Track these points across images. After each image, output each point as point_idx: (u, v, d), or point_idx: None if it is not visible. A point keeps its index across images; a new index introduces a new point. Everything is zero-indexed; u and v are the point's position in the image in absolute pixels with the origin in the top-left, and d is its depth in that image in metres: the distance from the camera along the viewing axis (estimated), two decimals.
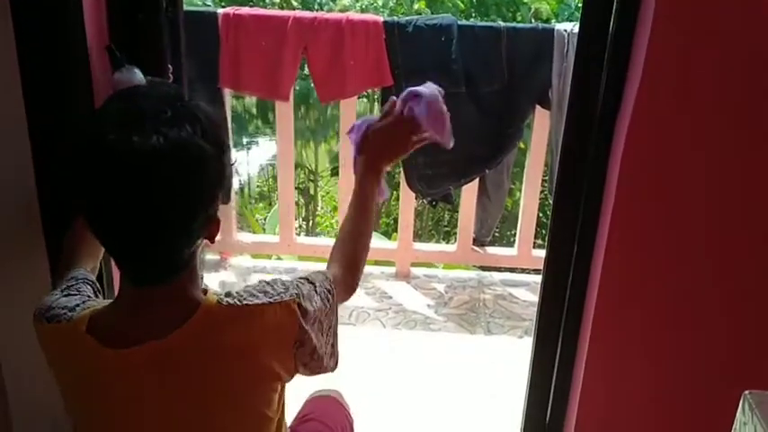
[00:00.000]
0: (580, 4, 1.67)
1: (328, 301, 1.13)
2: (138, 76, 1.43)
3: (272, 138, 4.33)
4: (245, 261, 3.58)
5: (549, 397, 2.02)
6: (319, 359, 1.10)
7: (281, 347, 1.02)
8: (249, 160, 4.34)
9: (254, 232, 4.13)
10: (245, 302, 0.99)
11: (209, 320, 0.98)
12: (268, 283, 1.05)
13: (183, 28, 1.73)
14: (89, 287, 1.16)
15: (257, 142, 4.41)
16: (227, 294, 1.01)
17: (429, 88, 1.42)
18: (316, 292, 1.10)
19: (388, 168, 1.41)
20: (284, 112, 3.21)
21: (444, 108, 1.42)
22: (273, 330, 1.01)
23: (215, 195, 0.96)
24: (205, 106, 0.95)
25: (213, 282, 3.37)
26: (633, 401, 1.82)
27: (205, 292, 1.02)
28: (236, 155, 3.30)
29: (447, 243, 3.98)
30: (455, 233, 3.89)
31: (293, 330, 1.02)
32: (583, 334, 1.84)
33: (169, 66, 1.65)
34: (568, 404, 1.97)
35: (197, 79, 2.82)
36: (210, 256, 3.47)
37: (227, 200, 3.23)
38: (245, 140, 4.25)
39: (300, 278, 1.11)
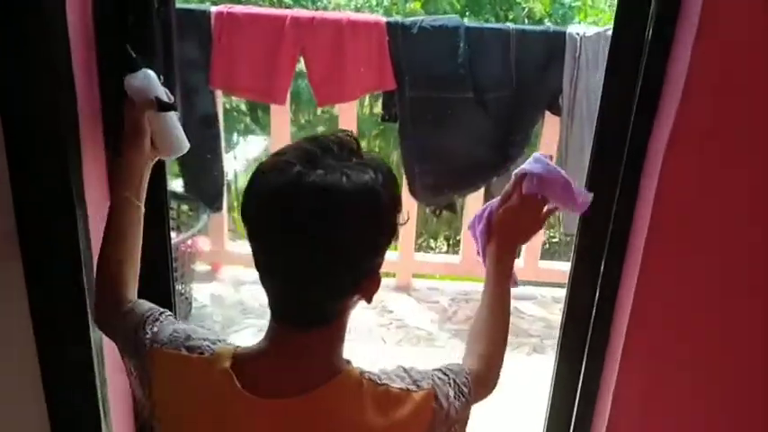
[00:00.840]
0: (574, 4, 1.51)
1: (463, 395, 1.07)
2: (155, 82, 1.32)
3: (263, 135, 4.17)
4: (237, 272, 3.40)
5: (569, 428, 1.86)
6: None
7: None
8: (237, 156, 4.19)
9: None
10: (383, 382, 0.96)
11: (349, 390, 0.95)
12: (405, 368, 1.02)
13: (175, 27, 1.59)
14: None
15: (247, 139, 4.26)
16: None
17: (539, 162, 1.32)
18: (451, 386, 1.05)
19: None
20: (279, 114, 3.05)
21: (562, 175, 1.32)
22: (406, 421, 0.95)
23: (382, 247, 0.94)
24: (384, 162, 0.94)
25: (204, 293, 3.20)
26: None
27: (348, 362, 0.99)
28: (225, 155, 3.13)
29: (450, 254, 3.82)
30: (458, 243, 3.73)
31: (425, 425, 0.98)
32: (610, 357, 1.69)
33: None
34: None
35: (188, 80, 2.68)
36: (201, 267, 3.29)
37: (219, 207, 3.09)
38: (235, 137, 4.10)
39: (437, 369, 1.06)
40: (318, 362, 0.95)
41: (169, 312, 1.12)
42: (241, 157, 4.24)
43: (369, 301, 0.98)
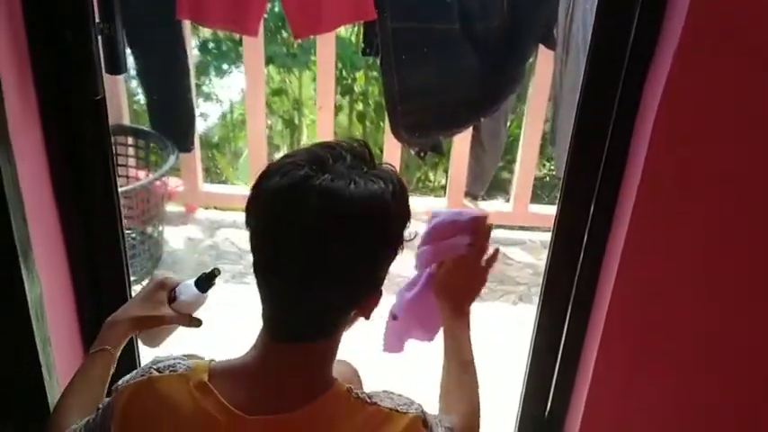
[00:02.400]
0: None
1: None
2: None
3: (237, 71, 4.00)
4: (211, 214, 3.25)
5: (551, 381, 1.76)
6: None
7: None
8: (209, 94, 4.01)
9: (224, 178, 3.81)
10: (373, 401, 0.94)
11: (337, 407, 0.92)
12: (392, 392, 0.99)
13: None
14: None
15: (220, 76, 4.07)
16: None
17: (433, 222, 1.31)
18: (439, 423, 1.02)
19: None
20: (252, 48, 2.86)
21: (438, 224, 1.31)
22: None
23: (386, 261, 0.91)
24: (396, 173, 0.92)
25: (177, 237, 3.06)
26: (652, 392, 1.56)
27: (335, 378, 0.96)
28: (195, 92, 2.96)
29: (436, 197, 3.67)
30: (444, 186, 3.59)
31: None
32: (597, 307, 1.57)
33: None
34: (574, 388, 1.72)
35: (153, 10, 2.47)
36: (173, 209, 3.14)
37: (190, 147, 2.92)
38: (205, 73, 3.91)
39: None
40: (308, 378, 0.93)
41: None
42: (216, 94, 4.05)
43: (367, 317, 0.95)
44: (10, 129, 1.24)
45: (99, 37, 1.35)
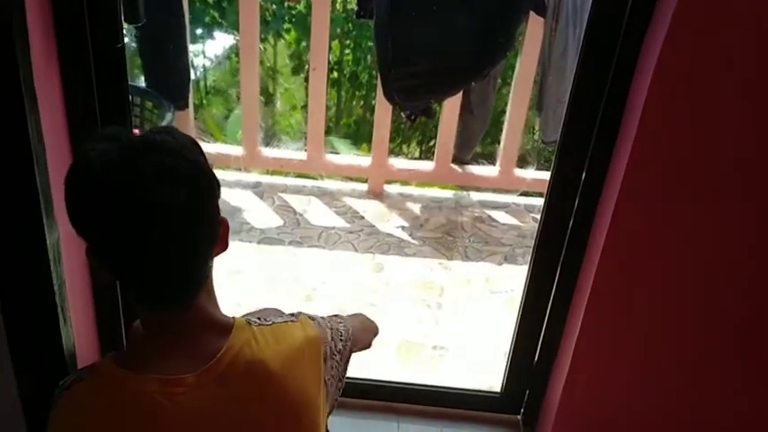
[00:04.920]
0: None
1: (340, 332, 1.14)
2: None
3: (228, 30, 3.97)
4: None
5: (539, 338, 1.85)
6: (338, 381, 1.12)
7: (314, 358, 1.03)
8: (205, 52, 3.99)
9: (213, 138, 3.82)
10: (270, 321, 1.02)
11: (246, 337, 0.97)
12: (271, 309, 1.09)
13: None
14: None
15: (213, 35, 4.06)
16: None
17: None
18: (323, 320, 1.13)
19: None
20: (248, 5, 2.87)
21: None
22: (302, 342, 1.02)
23: (211, 194, 0.91)
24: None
25: None
26: (633, 355, 1.66)
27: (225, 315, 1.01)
28: (192, 48, 2.95)
29: (423, 159, 3.73)
30: (432, 149, 3.65)
31: (316, 341, 1.04)
32: (586, 269, 1.66)
33: None
34: (560, 348, 1.81)
35: None
36: None
37: (184, 105, 2.94)
38: (199, 32, 3.90)
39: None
40: (209, 328, 0.96)
41: None
42: (209, 53, 4.04)
43: (226, 246, 0.97)
44: (35, 79, 1.28)
45: None
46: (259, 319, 1.02)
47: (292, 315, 1.07)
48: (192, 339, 0.95)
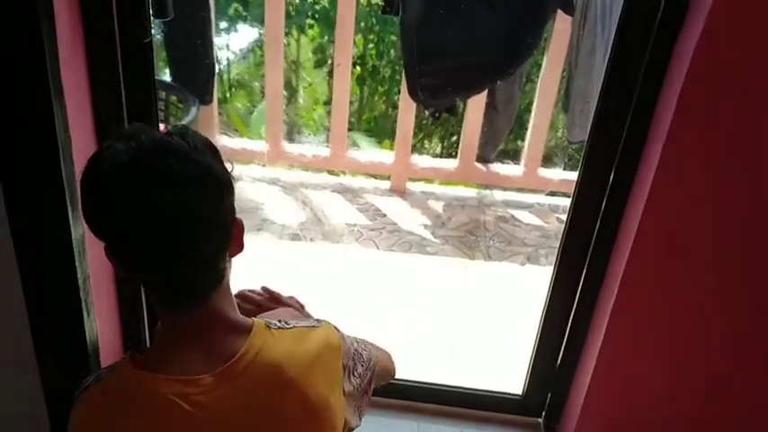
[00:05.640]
0: None
1: (361, 356, 1.11)
2: None
3: (252, 23, 3.97)
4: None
5: (562, 340, 1.83)
6: (361, 392, 1.10)
7: (333, 364, 1.02)
8: (229, 45, 4.01)
9: (238, 132, 3.84)
10: (291, 324, 1.01)
11: (265, 340, 0.96)
12: (289, 312, 1.11)
13: None
14: None
15: (237, 28, 4.07)
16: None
17: None
18: (348, 337, 1.10)
19: None
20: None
21: None
22: (323, 346, 1.00)
23: (228, 193, 0.91)
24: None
25: None
26: (660, 360, 1.63)
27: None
28: (216, 41, 2.96)
29: (446, 158, 3.71)
30: (456, 148, 3.63)
31: (337, 349, 1.03)
32: (612, 272, 1.63)
33: None
34: (584, 351, 1.78)
35: None
36: None
37: (209, 99, 2.95)
38: (223, 25, 3.91)
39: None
40: (226, 329, 0.96)
41: None
42: (232, 46, 4.05)
43: (241, 247, 0.97)
44: (62, 74, 1.28)
45: None
46: (279, 321, 1.01)
47: (317, 320, 1.06)
48: (209, 340, 0.95)
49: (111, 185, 0.85)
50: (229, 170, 0.92)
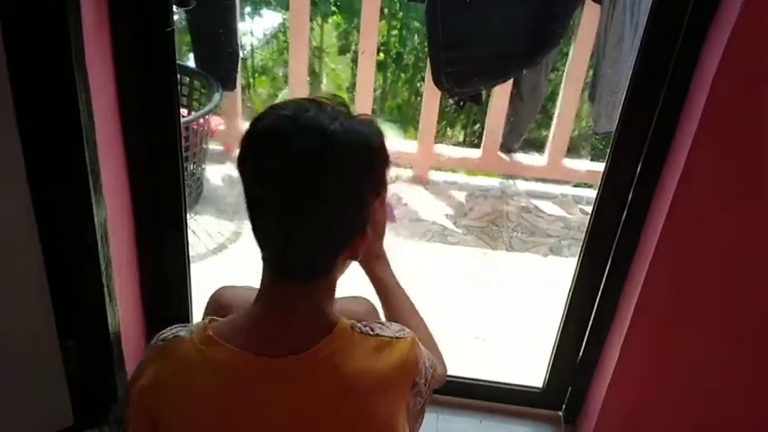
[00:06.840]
0: None
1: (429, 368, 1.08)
2: None
3: (276, 9, 3.96)
4: None
5: (584, 334, 1.81)
6: (417, 413, 1.05)
7: (404, 385, 0.99)
8: (253, 31, 4.00)
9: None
10: (375, 333, 0.98)
11: (344, 343, 0.95)
12: (383, 322, 1.05)
13: None
14: None
15: (260, 13, 4.06)
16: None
17: None
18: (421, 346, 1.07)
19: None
20: None
21: None
22: (398, 364, 0.98)
23: (371, 197, 0.93)
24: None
25: (216, 174, 3.12)
26: (684, 357, 1.60)
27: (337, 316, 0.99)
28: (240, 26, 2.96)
29: (469, 147, 3.68)
30: (479, 136, 3.59)
31: (413, 367, 1.00)
32: (637, 265, 1.60)
33: None
34: (606, 345, 1.76)
35: None
36: (213, 147, 3.19)
37: (233, 85, 2.94)
38: (247, 9, 3.91)
39: None
40: (312, 319, 0.95)
41: None
42: (256, 32, 4.03)
43: (356, 257, 0.98)
44: (87, 60, 1.28)
45: None
46: (364, 325, 0.99)
47: (402, 330, 1.03)
48: (294, 324, 0.95)
49: (270, 130, 0.87)
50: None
